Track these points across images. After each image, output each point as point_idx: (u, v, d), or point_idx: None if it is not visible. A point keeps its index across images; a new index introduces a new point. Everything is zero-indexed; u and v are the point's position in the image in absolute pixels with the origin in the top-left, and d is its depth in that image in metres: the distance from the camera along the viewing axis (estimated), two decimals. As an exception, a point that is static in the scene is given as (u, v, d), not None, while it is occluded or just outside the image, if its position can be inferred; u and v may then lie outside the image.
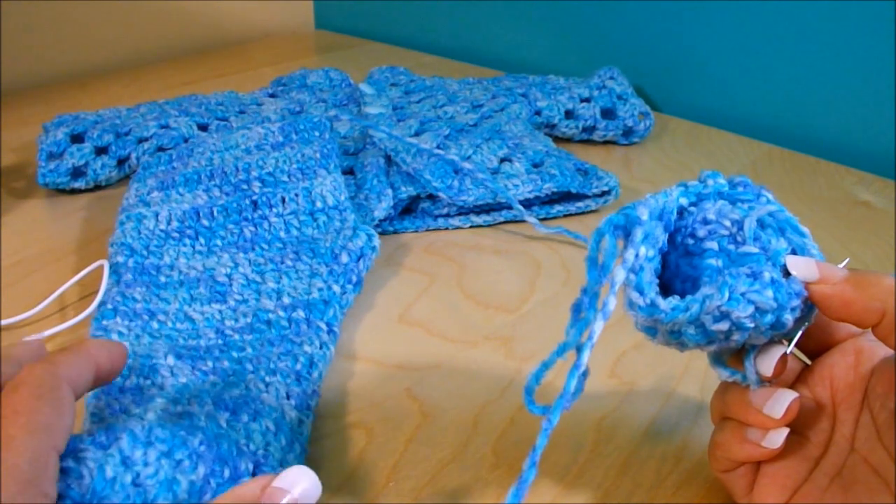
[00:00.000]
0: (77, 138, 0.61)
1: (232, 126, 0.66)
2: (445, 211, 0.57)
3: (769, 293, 0.26)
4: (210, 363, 0.39)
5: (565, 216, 0.59)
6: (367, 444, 0.37)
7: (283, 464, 0.31)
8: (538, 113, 0.71)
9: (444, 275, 0.51)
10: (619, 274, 0.27)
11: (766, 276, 0.26)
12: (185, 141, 0.63)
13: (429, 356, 0.43)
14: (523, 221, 0.56)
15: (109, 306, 0.42)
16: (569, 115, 0.72)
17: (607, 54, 0.86)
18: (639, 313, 0.27)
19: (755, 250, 0.27)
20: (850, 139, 0.72)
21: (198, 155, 0.53)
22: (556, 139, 0.72)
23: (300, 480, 0.26)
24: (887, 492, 0.27)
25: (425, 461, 0.36)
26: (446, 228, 0.58)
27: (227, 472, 0.29)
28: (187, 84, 0.87)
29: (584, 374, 0.28)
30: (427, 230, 0.57)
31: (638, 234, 0.28)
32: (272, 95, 0.76)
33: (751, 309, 0.26)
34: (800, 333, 0.29)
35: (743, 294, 0.26)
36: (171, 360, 0.38)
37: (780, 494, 0.29)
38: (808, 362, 0.31)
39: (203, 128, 0.65)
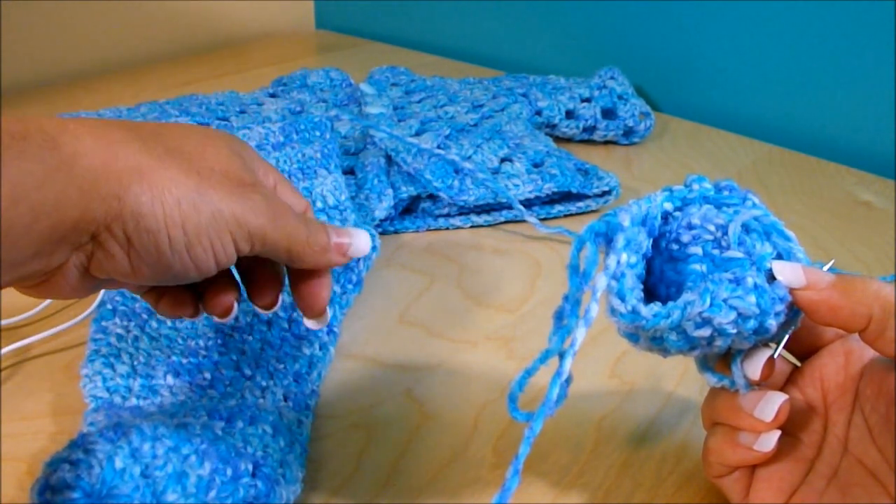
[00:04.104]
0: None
1: (233, 126, 0.66)
2: (446, 211, 0.57)
3: (752, 299, 0.26)
4: (208, 375, 0.39)
5: (566, 216, 0.59)
6: (367, 444, 0.37)
7: (284, 464, 0.31)
8: (539, 113, 0.71)
9: (444, 275, 0.51)
10: (601, 281, 0.27)
11: (749, 281, 0.26)
12: (186, 141, 0.63)
13: (429, 356, 0.43)
14: (524, 221, 0.56)
15: (109, 307, 0.42)
16: (569, 115, 0.72)
17: (607, 54, 0.86)
18: (620, 320, 0.27)
19: (739, 255, 0.27)
20: (850, 139, 0.72)
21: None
22: (557, 139, 0.72)
23: (357, 235, 0.34)
24: (885, 494, 0.27)
25: (425, 461, 0.36)
26: (447, 228, 0.58)
27: (229, 471, 0.29)
28: (187, 84, 0.87)
29: (568, 381, 0.28)
30: (427, 230, 0.57)
31: (619, 240, 0.28)
32: (273, 95, 0.76)
33: (733, 315, 0.26)
34: (787, 337, 0.29)
35: (725, 300, 0.26)
36: (170, 379, 0.38)
37: (777, 497, 0.29)
38: (798, 364, 0.31)
39: (203, 128, 0.65)
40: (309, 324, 0.36)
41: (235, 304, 0.34)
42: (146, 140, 0.28)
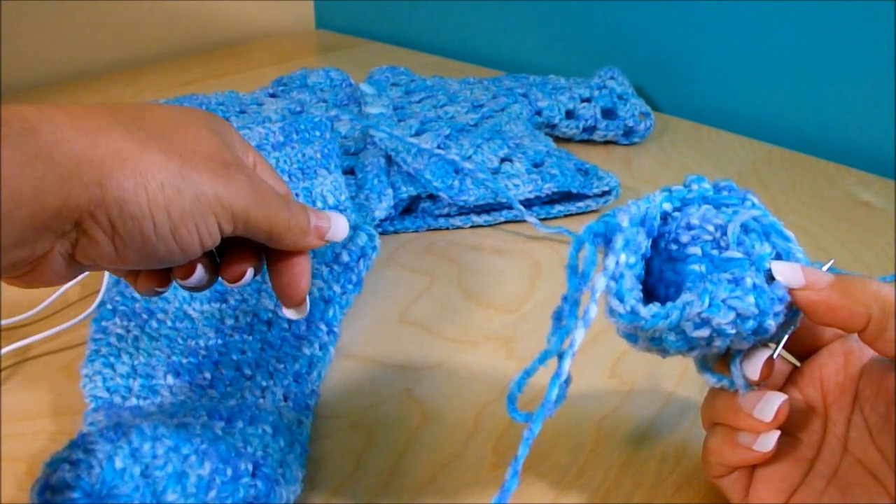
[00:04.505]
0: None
1: (233, 126, 0.66)
2: (446, 211, 0.57)
3: (750, 299, 0.26)
4: (208, 375, 0.39)
5: (566, 216, 0.59)
6: (367, 444, 0.37)
7: (284, 464, 0.31)
8: (539, 113, 0.71)
9: (444, 275, 0.51)
10: (600, 281, 0.27)
11: (748, 281, 0.26)
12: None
13: (429, 356, 0.43)
14: (524, 221, 0.56)
15: (109, 306, 0.42)
16: (569, 115, 0.72)
17: (607, 54, 0.86)
18: (619, 320, 0.27)
19: (738, 255, 0.27)
20: (850, 139, 0.72)
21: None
22: (557, 139, 0.72)
23: (336, 219, 0.35)
24: (885, 494, 0.27)
25: (425, 461, 0.36)
26: (447, 228, 0.58)
27: (229, 471, 0.29)
28: (187, 84, 0.87)
29: (567, 382, 0.28)
30: (427, 230, 0.57)
31: (618, 241, 0.28)
32: (273, 95, 0.76)
33: (732, 315, 0.26)
34: (786, 337, 0.29)
35: (724, 300, 0.26)
36: (170, 379, 0.38)
37: (776, 497, 0.29)
38: (798, 364, 0.31)
39: (203, 128, 0.65)
40: (288, 313, 0.35)
41: (250, 271, 0.33)
42: (127, 125, 0.28)
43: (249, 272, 0.33)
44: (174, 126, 0.30)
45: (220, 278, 0.34)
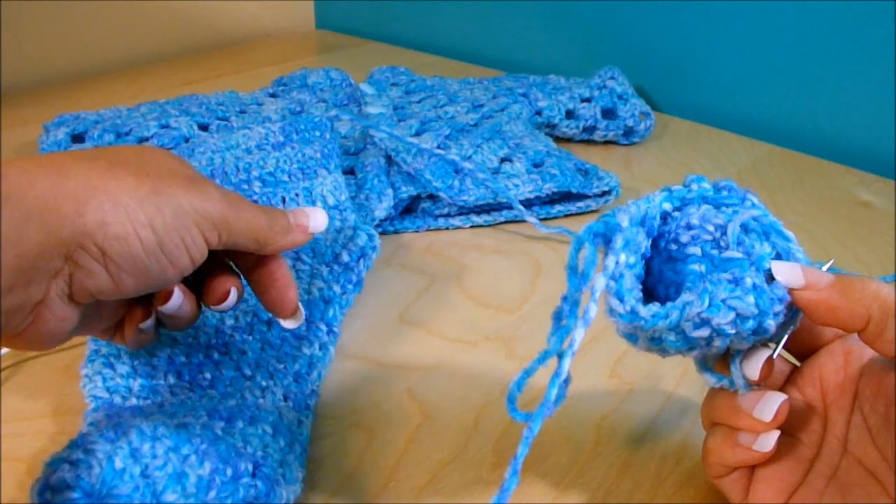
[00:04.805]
0: (78, 138, 0.61)
1: (233, 126, 0.66)
2: (446, 211, 0.57)
3: (750, 299, 0.26)
4: (208, 374, 0.39)
5: (566, 216, 0.59)
6: (367, 444, 0.37)
7: (284, 464, 0.31)
8: (539, 113, 0.71)
9: (444, 275, 0.51)
10: (600, 281, 0.27)
11: (748, 281, 0.26)
12: (186, 141, 0.63)
13: (429, 356, 0.43)
14: (524, 221, 0.56)
15: (110, 306, 0.42)
16: (569, 114, 0.72)
17: (607, 54, 0.86)
18: (619, 320, 0.27)
19: (738, 255, 0.27)
20: (850, 139, 0.72)
21: (198, 155, 0.53)
22: (557, 139, 0.72)
23: (314, 213, 0.36)
24: (884, 493, 0.27)
25: (425, 461, 0.36)
26: (447, 228, 0.58)
27: (229, 471, 0.29)
28: (187, 84, 0.87)
29: (567, 382, 0.28)
30: (427, 230, 0.57)
31: (618, 241, 0.28)
32: (273, 95, 0.76)
33: (731, 315, 0.26)
34: (786, 337, 0.29)
35: (724, 300, 0.26)
36: (170, 379, 0.38)
37: (776, 497, 0.29)
38: (797, 364, 0.31)
39: (204, 128, 0.65)
40: (286, 324, 0.36)
41: (233, 290, 0.34)
42: (90, 159, 0.29)
43: (233, 291, 0.34)
44: (131, 155, 0.31)
45: (204, 307, 0.35)
